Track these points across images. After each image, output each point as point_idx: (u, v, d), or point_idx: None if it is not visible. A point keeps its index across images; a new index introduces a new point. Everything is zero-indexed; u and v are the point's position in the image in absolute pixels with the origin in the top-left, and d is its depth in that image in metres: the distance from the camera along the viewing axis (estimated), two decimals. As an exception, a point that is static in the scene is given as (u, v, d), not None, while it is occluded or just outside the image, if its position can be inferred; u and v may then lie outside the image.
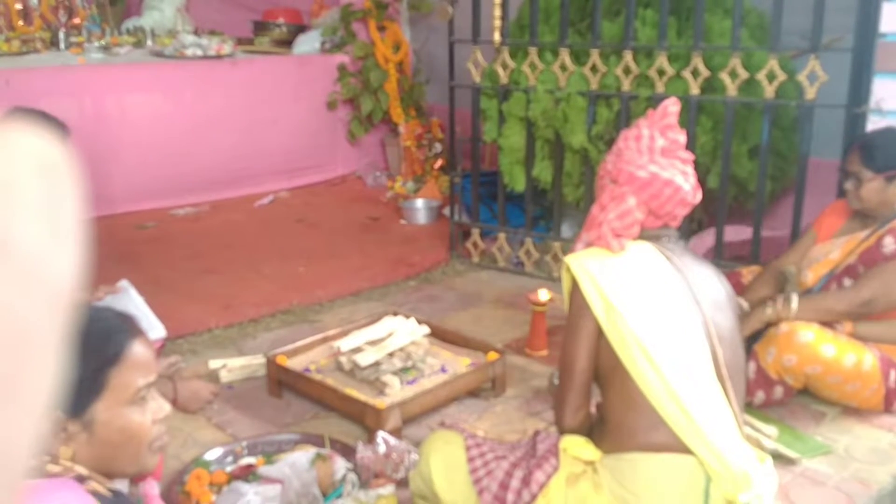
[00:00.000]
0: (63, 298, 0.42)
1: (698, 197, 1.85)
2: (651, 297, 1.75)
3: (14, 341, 0.39)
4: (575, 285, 1.79)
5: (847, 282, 2.58)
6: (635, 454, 1.68)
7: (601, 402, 1.83)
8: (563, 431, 1.83)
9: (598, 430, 1.80)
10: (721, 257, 3.40)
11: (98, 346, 1.24)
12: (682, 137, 1.87)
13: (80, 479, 1.22)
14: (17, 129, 0.43)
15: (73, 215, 0.44)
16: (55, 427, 1.20)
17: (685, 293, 1.77)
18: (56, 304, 0.42)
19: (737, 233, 3.65)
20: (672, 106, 1.87)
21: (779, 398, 2.58)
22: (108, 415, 1.26)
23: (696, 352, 1.71)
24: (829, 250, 2.68)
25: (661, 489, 1.66)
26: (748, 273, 2.93)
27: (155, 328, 2.76)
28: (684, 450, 1.66)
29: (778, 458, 2.22)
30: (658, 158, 1.82)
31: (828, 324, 2.58)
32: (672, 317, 1.73)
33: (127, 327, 1.31)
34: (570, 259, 1.82)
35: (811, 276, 2.69)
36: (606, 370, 1.75)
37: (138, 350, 1.29)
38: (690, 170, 1.85)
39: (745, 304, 2.61)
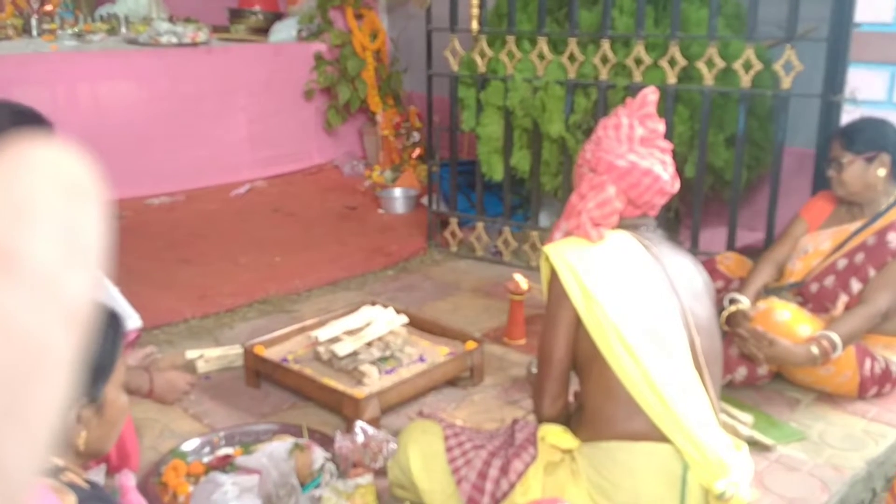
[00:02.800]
0: (77, 319, 0.42)
1: (676, 186, 1.85)
2: (629, 287, 1.75)
3: (25, 361, 0.39)
4: (553, 275, 1.79)
5: (855, 283, 2.56)
6: (613, 443, 1.69)
7: (579, 391, 1.84)
8: (541, 420, 1.84)
9: (576, 418, 1.81)
10: (697, 246, 3.42)
11: (110, 329, 1.31)
12: (660, 126, 1.87)
13: (57, 471, 1.21)
14: (41, 146, 0.42)
15: (94, 236, 0.43)
16: (75, 416, 1.25)
17: (663, 282, 1.77)
18: (70, 325, 0.41)
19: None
20: (651, 95, 1.87)
21: (764, 374, 2.61)
22: (113, 395, 1.33)
23: (673, 341, 1.72)
24: (819, 241, 2.69)
25: (639, 477, 1.67)
26: (722, 259, 2.95)
27: (131, 318, 2.73)
28: (661, 438, 1.67)
29: (753, 444, 2.24)
30: (637, 147, 1.82)
31: (804, 305, 2.62)
32: (650, 306, 1.74)
33: (113, 312, 1.35)
34: (548, 248, 1.82)
35: (800, 266, 2.70)
36: (585, 359, 1.76)
37: None
38: (669, 159, 1.85)
39: (745, 300, 2.61)
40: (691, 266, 1.86)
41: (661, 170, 1.81)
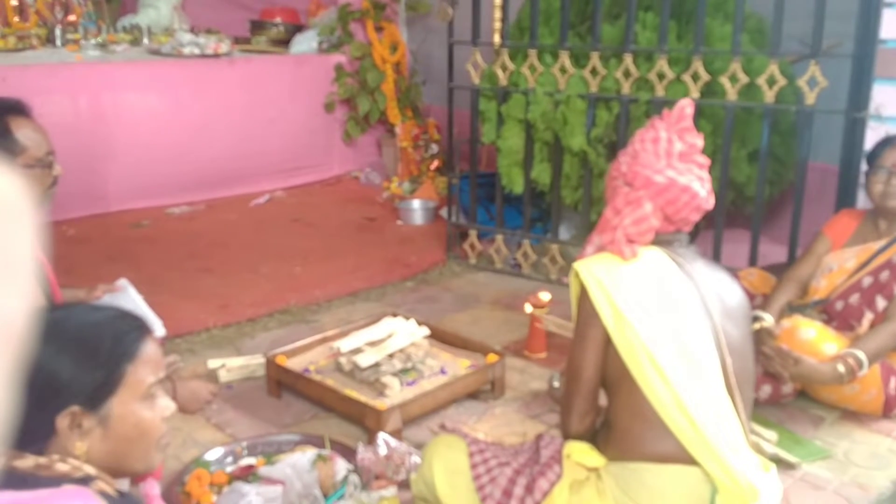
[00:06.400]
0: (11, 335, 0.41)
1: (712, 202, 1.81)
2: (661, 306, 1.71)
3: None
4: (583, 292, 1.75)
5: (880, 301, 2.53)
6: (641, 464, 1.67)
7: (607, 407, 1.81)
8: (568, 437, 1.81)
9: (604, 435, 1.78)
10: (719, 262, 3.40)
11: (116, 341, 1.27)
12: (699, 141, 1.82)
13: (88, 479, 1.21)
14: None
15: (25, 254, 0.43)
16: (72, 422, 1.21)
17: (695, 301, 1.73)
18: (3, 341, 0.41)
19: None
20: (688, 108, 1.84)
21: (788, 393, 2.59)
22: (122, 410, 1.27)
23: (705, 362, 1.68)
24: (844, 259, 2.67)
25: (666, 500, 1.64)
26: (746, 275, 2.93)
27: (155, 327, 2.74)
28: (690, 461, 1.64)
29: (777, 462, 2.22)
30: (675, 163, 1.77)
31: (829, 323, 2.60)
32: (681, 326, 1.70)
33: (140, 325, 1.33)
34: (579, 265, 1.77)
35: (825, 284, 2.68)
36: (614, 378, 1.72)
37: (151, 348, 1.32)
38: (706, 174, 1.80)
39: (769, 318, 2.59)
40: (727, 283, 1.81)
41: (698, 186, 1.76)
